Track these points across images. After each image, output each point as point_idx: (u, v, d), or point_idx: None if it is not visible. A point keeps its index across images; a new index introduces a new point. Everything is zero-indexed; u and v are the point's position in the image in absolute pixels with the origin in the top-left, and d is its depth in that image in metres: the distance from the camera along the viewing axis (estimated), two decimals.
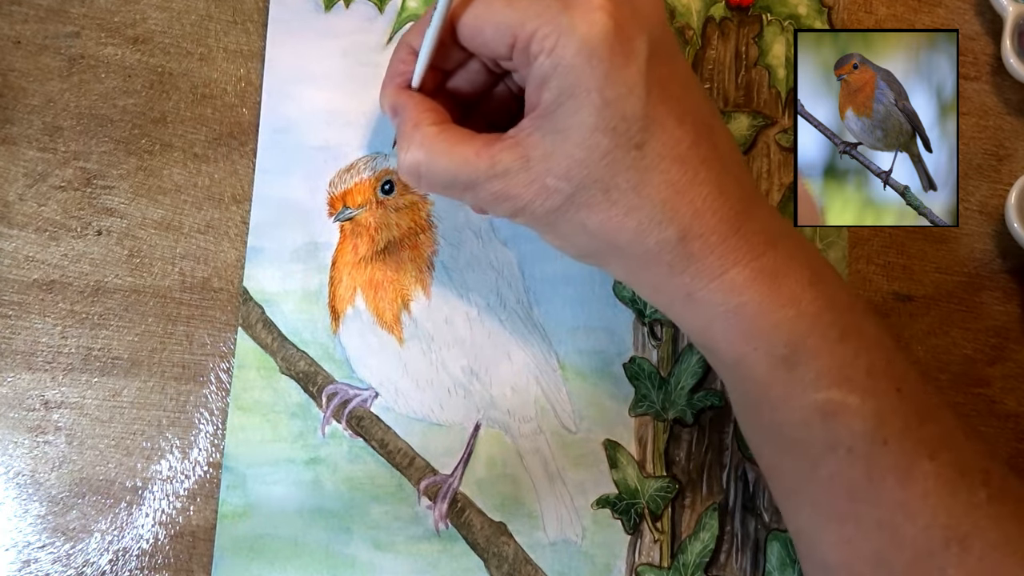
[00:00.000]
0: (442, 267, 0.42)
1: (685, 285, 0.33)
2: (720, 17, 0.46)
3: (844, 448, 0.33)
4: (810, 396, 0.33)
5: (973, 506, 0.33)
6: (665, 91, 0.32)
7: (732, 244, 0.33)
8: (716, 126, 0.34)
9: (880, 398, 0.33)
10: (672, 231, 0.32)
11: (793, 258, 0.34)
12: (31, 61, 0.43)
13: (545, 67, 0.32)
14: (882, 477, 0.33)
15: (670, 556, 0.41)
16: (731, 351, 0.34)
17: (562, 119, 0.32)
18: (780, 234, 0.34)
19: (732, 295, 0.33)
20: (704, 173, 0.32)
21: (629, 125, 0.32)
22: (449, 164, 0.33)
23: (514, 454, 0.42)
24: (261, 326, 0.42)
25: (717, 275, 0.33)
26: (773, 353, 0.33)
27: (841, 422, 0.33)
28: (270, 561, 0.40)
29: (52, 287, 0.42)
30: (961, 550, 0.32)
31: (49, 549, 0.40)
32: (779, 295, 0.33)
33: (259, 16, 0.44)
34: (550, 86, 0.32)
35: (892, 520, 0.33)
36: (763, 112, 0.45)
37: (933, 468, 0.32)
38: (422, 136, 0.34)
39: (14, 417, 0.41)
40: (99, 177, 0.43)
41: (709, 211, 0.32)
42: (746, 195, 0.34)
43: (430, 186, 0.35)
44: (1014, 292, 0.45)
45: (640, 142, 0.32)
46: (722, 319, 0.33)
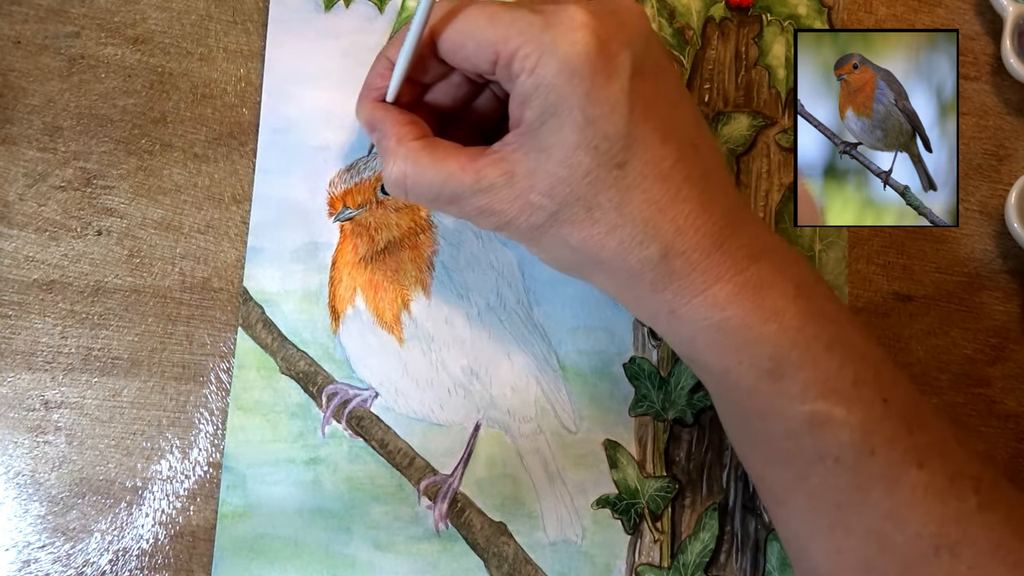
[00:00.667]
0: (442, 267, 0.42)
1: (668, 302, 0.33)
2: (720, 17, 0.46)
3: (831, 458, 0.33)
4: (796, 408, 0.33)
5: (963, 513, 0.33)
6: (649, 108, 0.32)
7: (715, 260, 0.33)
8: (701, 142, 0.34)
9: (867, 409, 0.33)
10: (654, 249, 0.32)
11: (778, 271, 0.34)
12: (31, 61, 0.43)
13: (527, 86, 0.31)
14: (870, 486, 0.33)
15: (670, 556, 0.41)
16: (716, 364, 0.34)
17: (544, 137, 0.32)
18: (765, 248, 0.34)
19: (715, 310, 0.33)
20: (687, 191, 0.32)
21: (611, 144, 0.31)
22: (435, 178, 0.33)
23: (514, 454, 0.42)
24: (261, 326, 0.42)
25: (700, 291, 0.33)
26: (758, 366, 0.33)
27: (828, 433, 0.33)
28: (270, 561, 0.40)
29: (52, 287, 0.42)
30: (951, 557, 0.32)
31: (49, 549, 0.40)
32: (762, 309, 0.33)
33: (259, 16, 0.44)
34: (532, 104, 0.32)
35: (881, 529, 0.33)
36: (763, 112, 0.45)
37: (922, 477, 0.32)
38: (406, 150, 0.34)
39: (14, 417, 0.41)
40: (99, 177, 0.43)
41: (691, 228, 0.32)
42: (730, 210, 0.34)
43: (416, 199, 0.35)
44: (1014, 292, 0.45)
45: (622, 161, 0.32)
46: (705, 333, 0.33)
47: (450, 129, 0.38)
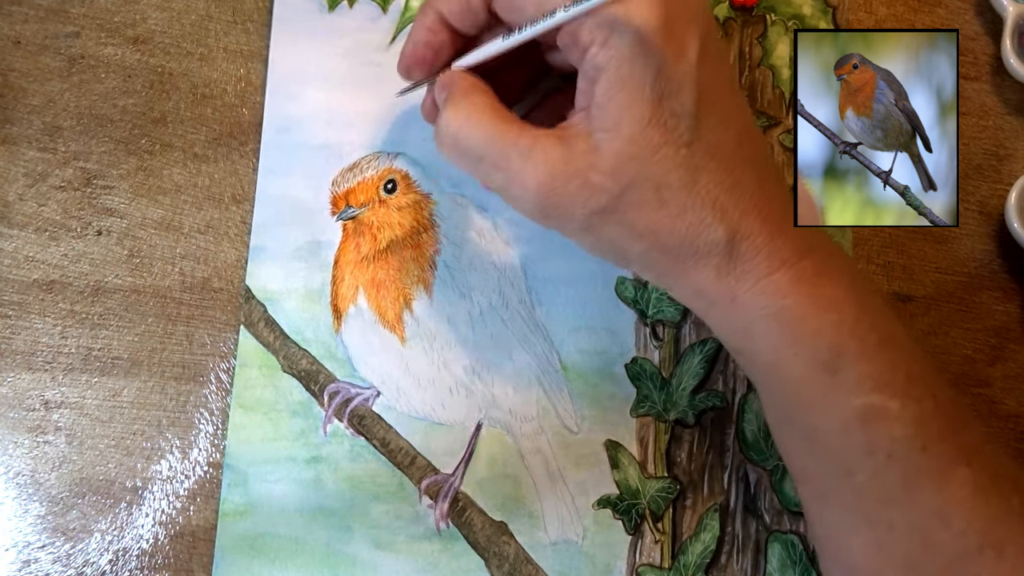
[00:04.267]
0: (444, 266, 0.42)
1: (730, 288, 0.33)
2: (724, 17, 0.46)
3: (883, 453, 0.32)
4: (850, 401, 0.33)
5: (1007, 512, 0.33)
6: (712, 91, 0.32)
7: (778, 244, 0.32)
8: (755, 130, 0.34)
9: (919, 404, 0.33)
10: (722, 231, 0.32)
11: (830, 262, 0.33)
12: (31, 61, 0.43)
13: (599, 58, 0.31)
14: (918, 483, 0.33)
15: (671, 557, 0.41)
16: (770, 354, 0.33)
17: (613, 112, 0.31)
18: (816, 239, 0.34)
19: (776, 297, 0.32)
20: (749, 174, 0.32)
21: (679, 122, 0.31)
22: (487, 132, 0.32)
23: (515, 454, 0.42)
24: (263, 324, 0.42)
25: (763, 276, 0.32)
26: (815, 357, 0.33)
27: (881, 427, 0.32)
28: (271, 560, 0.40)
29: (52, 287, 0.42)
30: (995, 555, 0.32)
31: (49, 549, 0.40)
32: (821, 299, 0.33)
33: (259, 16, 0.44)
34: (602, 79, 0.31)
35: (926, 525, 0.33)
36: (767, 112, 0.45)
37: (969, 474, 0.32)
38: (469, 103, 0.33)
39: (14, 417, 0.41)
40: (99, 177, 0.43)
41: (755, 211, 0.32)
42: (785, 199, 0.34)
43: (463, 154, 0.33)
44: (1014, 292, 0.45)
45: (689, 140, 0.31)
46: (763, 322, 0.33)
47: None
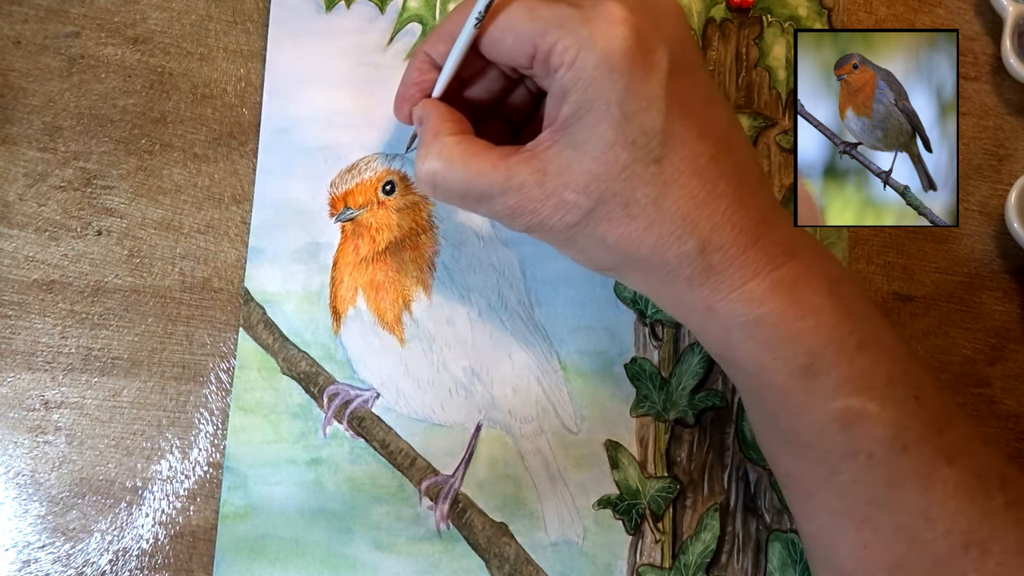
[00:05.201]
0: (443, 268, 0.42)
1: (704, 298, 0.33)
2: (721, 18, 0.46)
3: (864, 455, 0.33)
4: (830, 404, 0.33)
5: (991, 511, 0.33)
6: (685, 105, 0.32)
7: (751, 255, 0.33)
8: (736, 139, 0.34)
9: (899, 406, 0.33)
10: (692, 244, 0.32)
11: (812, 268, 0.34)
12: (31, 61, 0.43)
13: (565, 80, 0.32)
14: (902, 483, 0.33)
15: (671, 557, 0.41)
16: (750, 361, 0.34)
17: (580, 132, 0.32)
18: (799, 244, 0.34)
19: (752, 306, 0.33)
20: (723, 186, 0.33)
21: (648, 139, 0.32)
22: (464, 174, 0.33)
23: (515, 455, 0.42)
24: (262, 327, 0.42)
25: (736, 286, 0.33)
26: (793, 363, 0.33)
27: (861, 429, 0.33)
28: (271, 561, 0.40)
29: (52, 287, 0.42)
30: (980, 554, 0.32)
31: (49, 549, 0.40)
32: (798, 305, 0.33)
33: (259, 16, 0.44)
34: (569, 99, 0.32)
35: (911, 525, 0.33)
36: (763, 113, 0.45)
37: (952, 474, 0.33)
38: (440, 146, 0.34)
39: (14, 417, 0.41)
40: (99, 177, 0.43)
41: (728, 224, 0.33)
42: (765, 207, 0.34)
43: (445, 196, 0.35)
44: (1014, 292, 0.45)
45: (659, 156, 0.32)
46: (741, 330, 0.33)
47: (483, 125, 0.38)
